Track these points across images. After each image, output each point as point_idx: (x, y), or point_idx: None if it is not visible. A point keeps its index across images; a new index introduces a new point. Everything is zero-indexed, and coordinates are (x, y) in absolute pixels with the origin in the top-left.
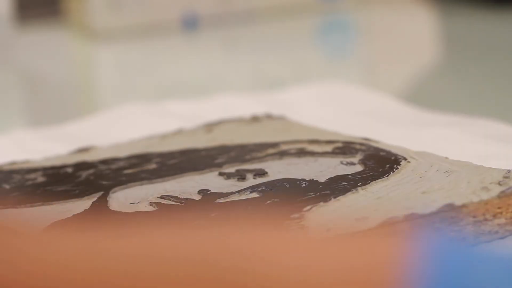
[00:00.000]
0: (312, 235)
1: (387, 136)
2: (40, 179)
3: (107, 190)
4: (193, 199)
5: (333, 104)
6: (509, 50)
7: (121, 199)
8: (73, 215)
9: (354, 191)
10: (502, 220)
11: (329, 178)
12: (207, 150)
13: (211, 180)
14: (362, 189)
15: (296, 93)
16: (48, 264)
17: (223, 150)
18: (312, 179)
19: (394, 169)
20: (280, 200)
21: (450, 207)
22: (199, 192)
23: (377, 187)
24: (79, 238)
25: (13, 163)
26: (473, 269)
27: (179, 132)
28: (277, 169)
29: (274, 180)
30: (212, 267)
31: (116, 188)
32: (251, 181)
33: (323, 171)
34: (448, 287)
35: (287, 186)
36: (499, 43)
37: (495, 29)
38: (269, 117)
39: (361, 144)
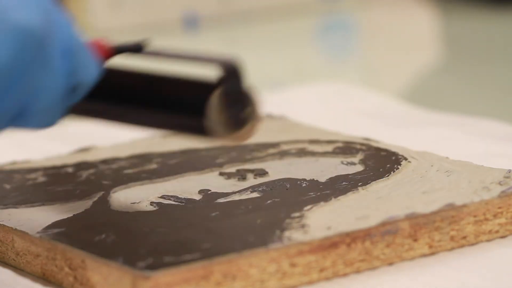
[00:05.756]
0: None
1: (387, 136)
2: (41, 179)
3: (107, 190)
4: (194, 199)
5: (333, 104)
6: (509, 50)
7: (122, 198)
8: (73, 214)
9: (354, 190)
10: (502, 220)
11: (329, 178)
12: (207, 150)
13: (212, 180)
14: (363, 189)
15: (296, 93)
16: None
17: (223, 150)
18: (313, 179)
19: (395, 169)
20: (281, 200)
21: (451, 206)
22: (200, 192)
23: (378, 187)
24: None
25: (14, 163)
26: None
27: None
28: (277, 169)
29: (274, 180)
30: None
31: (116, 188)
32: (251, 181)
33: (323, 171)
34: None
35: (288, 186)
36: (499, 43)
37: (495, 29)
38: (269, 117)
39: (362, 144)
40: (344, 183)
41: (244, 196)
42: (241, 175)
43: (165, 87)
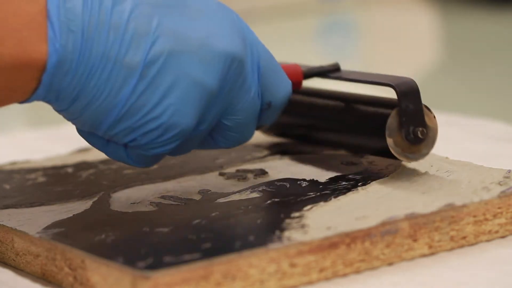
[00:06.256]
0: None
1: None
2: (41, 179)
3: (107, 190)
4: (194, 199)
5: None
6: (509, 50)
7: (122, 199)
8: (73, 214)
9: (354, 190)
10: (502, 220)
11: (329, 178)
12: (207, 150)
13: (212, 180)
14: (363, 189)
15: None
16: None
17: (223, 150)
18: (313, 179)
19: (395, 169)
20: (281, 200)
21: (451, 207)
22: (200, 192)
23: (378, 187)
24: None
25: (14, 163)
26: None
27: None
28: (277, 169)
29: (274, 180)
30: None
31: (116, 188)
32: (251, 181)
33: (323, 171)
34: None
35: (288, 186)
36: (499, 43)
37: (495, 29)
38: None
39: None
40: (344, 183)
41: (244, 196)
42: (241, 175)
43: (346, 105)
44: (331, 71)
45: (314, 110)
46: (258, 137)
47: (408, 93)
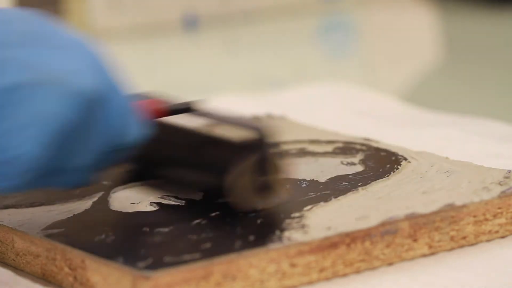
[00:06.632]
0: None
1: (388, 136)
2: None
3: (107, 190)
4: (194, 199)
5: (333, 104)
6: (509, 50)
7: (122, 199)
8: (73, 214)
9: (354, 191)
10: (502, 220)
11: (329, 178)
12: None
13: None
14: (363, 189)
15: (296, 93)
16: None
17: None
18: (313, 179)
19: (395, 169)
20: (281, 200)
21: (451, 207)
22: (200, 192)
23: (378, 187)
24: None
25: None
26: None
27: None
28: None
29: None
30: None
31: (116, 188)
32: None
33: (323, 171)
34: None
35: (288, 186)
36: (499, 43)
37: (495, 29)
38: (269, 117)
39: (362, 144)
40: (344, 183)
41: None
42: None
43: (196, 144)
44: (187, 110)
45: (161, 145)
46: None
47: (259, 141)
